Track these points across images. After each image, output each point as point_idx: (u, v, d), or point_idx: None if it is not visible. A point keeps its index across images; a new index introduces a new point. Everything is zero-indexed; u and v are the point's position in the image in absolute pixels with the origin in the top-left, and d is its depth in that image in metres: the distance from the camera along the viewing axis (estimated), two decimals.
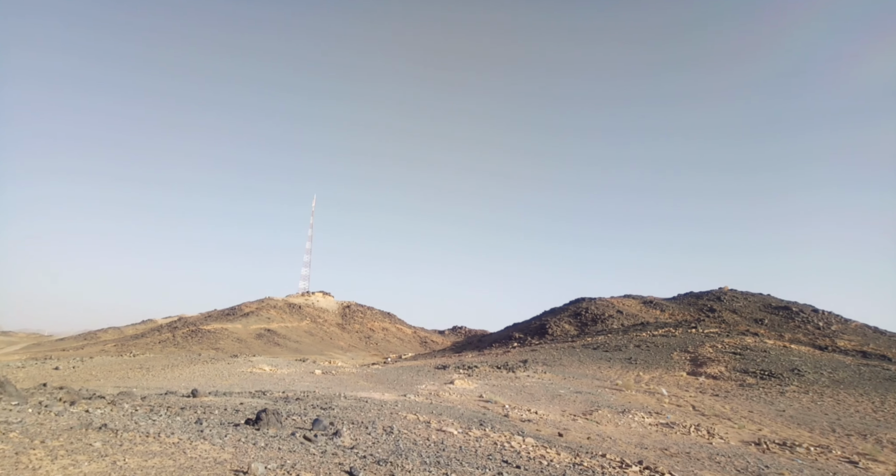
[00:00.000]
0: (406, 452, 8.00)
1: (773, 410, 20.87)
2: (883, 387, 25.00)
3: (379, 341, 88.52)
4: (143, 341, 65.77)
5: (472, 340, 72.77)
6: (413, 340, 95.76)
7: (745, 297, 57.13)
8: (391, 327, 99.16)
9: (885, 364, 32.39)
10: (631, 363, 32.23)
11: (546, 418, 15.77)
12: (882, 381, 26.18)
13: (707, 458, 12.61)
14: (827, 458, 14.22)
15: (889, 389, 24.43)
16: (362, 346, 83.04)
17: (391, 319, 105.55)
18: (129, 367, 25.87)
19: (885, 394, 23.54)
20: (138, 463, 5.58)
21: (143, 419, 8.35)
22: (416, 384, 22.07)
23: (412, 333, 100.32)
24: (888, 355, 37.43)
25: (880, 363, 32.47)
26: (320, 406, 12.41)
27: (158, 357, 32.16)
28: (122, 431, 7.07)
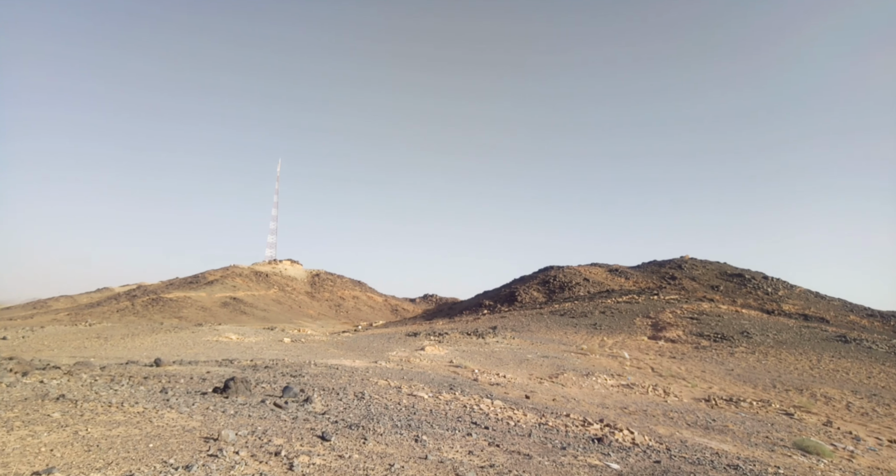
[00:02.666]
0: (377, 417, 8.12)
1: (723, 370, 22.38)
2: (820, 346, 27.15)
3: (349, 309, 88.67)
4: (100, 310, 63.38)
5: (443, 308, 73.94)
6: (384, 308, 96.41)
7: (703, 266, 59.98)
8: (362, 295, 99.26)
9: (824, 326, 35.12)
10: (596, 329, 33.62)
11: (514, 382, 16.34)
12: (819, 342, 28.42)
13: (662, 415, 13.46)
14: (767, 411, 15.45)
15: (825, 349, 26.57)
16: (332, 314, 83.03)
17: (361, 288, 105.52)
18: (86, 337, 24.96)
19: (821, 353, 25.60)
20: (102, 432, 5.42)
21: (104, 389, 8.09)
22: (387, 351, 22.34)
23: (383, 301, 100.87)
24: (827, 317, 40.56)
25: (819, 325, 35.16)
26: (290, 374, 12.39)
27: (117, 326, 31.13)
28: (81, 402, 6.83)
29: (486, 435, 7.97)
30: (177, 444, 5.22)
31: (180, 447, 5.10)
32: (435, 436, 7.23)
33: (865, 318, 44.03)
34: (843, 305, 48.23)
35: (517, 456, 6.79)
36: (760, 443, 11.33)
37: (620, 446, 8.74)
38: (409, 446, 6.35)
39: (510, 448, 7.22)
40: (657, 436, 10.52)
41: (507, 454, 6.81)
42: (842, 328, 34.68)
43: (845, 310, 46.45)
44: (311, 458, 5.13)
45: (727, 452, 9.73)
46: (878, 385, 19.66)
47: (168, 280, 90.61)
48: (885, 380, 20.41)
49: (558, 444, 8.09)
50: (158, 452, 4.87)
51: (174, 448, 5.05)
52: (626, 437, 9.69)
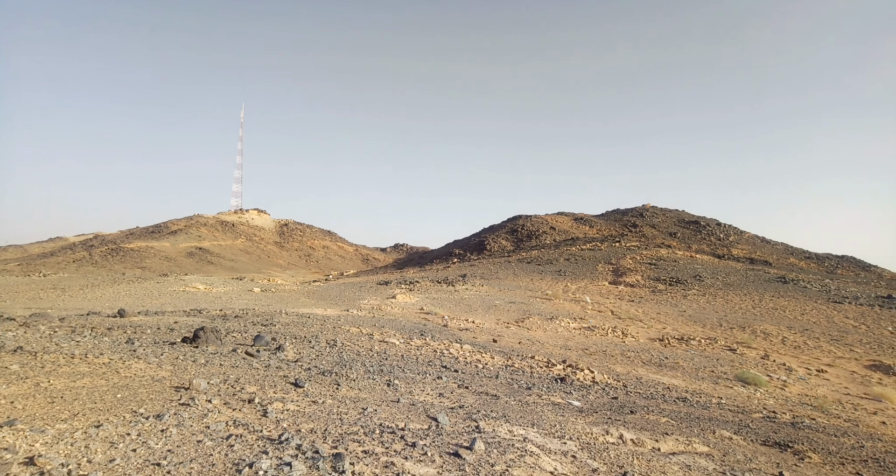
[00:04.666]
0: (350, 363, 8.31)
1: (676, 311, 23.94)
2: (762, 287, 29.31)
3: (320, 259, 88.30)
4: (54, 260, 60.60)
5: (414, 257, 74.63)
6: (355, 258, 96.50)
7: (663, 213, 62.25)
8: (332, 245, 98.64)
9: (767, 268, 37.75)
10: (561, 275, 34.92)
11: (482, 327, 16.98)
12: (762, 283, 30.65)
13: (620, 355, 14.42)
14: (713, 348, 16.82)
15: (766, 289, 28.73)
16: (302, 264, 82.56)
17: (332, 237, 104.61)
18: (40, 288, 23.98)
19: (763, 293, 27.69)
20: (65, 384, 5.30)
21: (65, 340, 7.87)
22: (359, 299, 22.59)
23: (354, 251, 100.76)
24: (770, 261, 43.54)
25: (763, 268, 37.76)
26: (261, 323, 12.40)
27: (74, 277, 29.97)
28: (41, 353, 6.62)
29: (455, 378, 8.33)
30: (146, 393, 5.18)
31: (150, 397, 5.07)
32: (406, 380, 7.50)
33: (803, 260, 47.54)
34: (785, 249, 51.71)
35: (485, 397, 7.16)
36: (706, 377, 12.39)
37: (581, 385, 9.36)
38: (381, 390, 6.56)
39: (478, 389, 7.60)
40: (615, 374, 11.32)
41: (475, 395, 7.17)
42: (782, 270, 37.39)
43: (787, 253, 49.89)
44: (285, 404, 5.23)
45: (677, 387, 10.61)
46: (809, 321, 21.59)
47: (128, 230, 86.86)
48: (816, 316, 22.41)
49: (524, 385, 8.57)
50: (127, 402, 4.83)
51: (143, 398, 5.02)
52: (587, 376, 10.37)
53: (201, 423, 4.41)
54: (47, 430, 3.94)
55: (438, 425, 5.11)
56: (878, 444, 7.28)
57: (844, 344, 17.72)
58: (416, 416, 5.43)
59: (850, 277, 37.91)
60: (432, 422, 5.24)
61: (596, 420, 6.60)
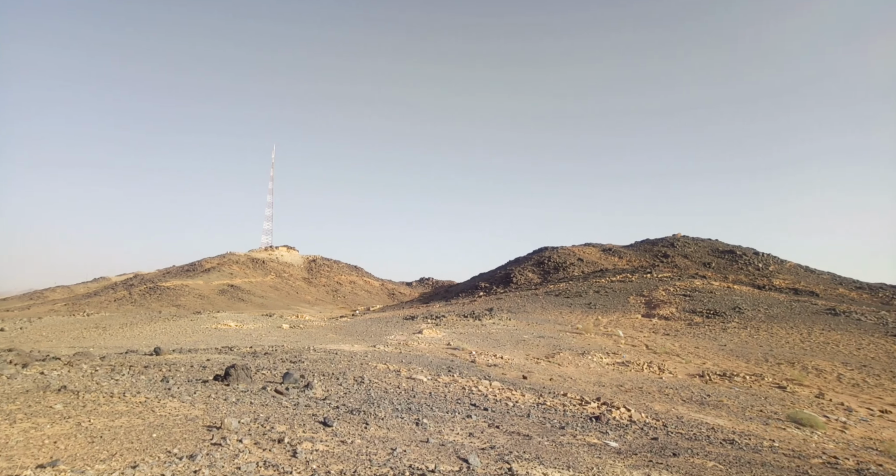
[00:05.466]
0: (378, 401, 8.21)
1: (716, 345, 22.77)
2: (810, 320, 27.63)
3: (346, 294, 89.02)
4: (97, 300, 63.22)
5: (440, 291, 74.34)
6: (381, 293, 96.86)
7: (695, 243, 60.42)
8: (358, 280, 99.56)
9: (814, 299, 35.69)
10: (591, 308, 33.98)
11: (511, 362, 16.55)
12: (810, 315, 28.91)
13: (657, 392, 13.72)
14: (760, 385, 15.79)
15: (815, 322, 27.06)
16: (330, 299, 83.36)
17: (358, 272, 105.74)
18: (84, 327, 24.96)
19: (811, 326, 26.08)
20: (105, 423, 5.44)
21: (105, 379, 8.12)
22: (385, 335, 22.51)
23: (380, 286, 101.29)
24: (816, 291, 41.19)
25: (809, 299, 35.72)
26: (290, 360, 12.47)
27: (115, 316, 31.14)
28: (83, 392, 6.85)
29: (485, 416, 8.09)
30: (180, 433, 5.25)
31: (184, 436, 5.13)
32: (435, 419, 7.33)
33: (854, 290, 44.74)
34: (832, 279, 48.95)
35: (517, 436, 6.91)
36: (755, 416, 11.60)
37: (618, 424, 8.91)
38: (410, 430, 6.43)
39: (510, 429, 7.34)
40: (654, 412, 10.74)
41: (506, 435, 6.93)
42: (831, 301, 35.26)
43: (834, 283, 47.15)
44: (314, 444, 5.19)
45: (723, 427, 9.96)
46: (867, 356, 20.10)
47: (164, 268, 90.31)
48: (875, 351, 20.86)
49: (557, 424, 8.24)
50: (162, 442, 4.90)
51: (178, 437, 5.09)
52: (623, 414, 9.88)
53: (232, 463, 4.42)
54: (87, 471, 4.03)
55: (470, 467, 4.94)
56: None
57: None
58: (447, 458, 5.27)
59: None
60: (463, 463, 5.07)
61: (636, 463, 6.24)
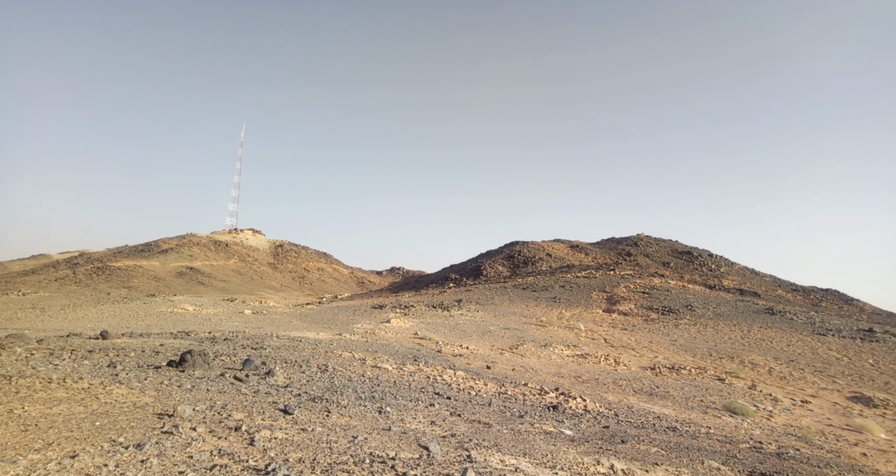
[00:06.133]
0: (341, 389, 8.18)
1: (668, 340, 23.85)
2: (751, 318, 29.35)
3: (314, 281, 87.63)
4: (35, 279, 59.47)
5: (410, 281, 74.27)
6: (350, 281, 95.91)
7: (657, 243, 62.74)
8: (327, 267, 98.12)
9: (756, 300, 37.90)
10: (556, 302, 34.82)
11: (476, 353, 16.80)
12: (751, 314, 30.70)
13: (612, 383, 14.28)
14: (703, 377, 16.70)
15: (755, 320, 28.77)
16: (296, 286, 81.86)
17: (327, 259, 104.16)
18: (18, 307, 23.48)
19: (751, 324, 27.71)
20: (41, 410, 5.16)
21: (43, 364, 7.68)
22: (352, 323, 22.35)
23: (349, 274, 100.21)
24: (759, 292, 43.71)
25: (752, 299, 37.90)
26: (251, 346, 12.21)
27: (56, 296, 29.43)
28: (16, 377, 6.45)
29: (448, 405, 8.21)
30: (127, 421, 5.06)
31: (131, 425, 4.95)
32: (398, 407, 7.38)
33: (790, 292, 47.74)
34: (773, 281, 51.99)
35: (477, 425, 7.05)
36: (696, 406, 12.27)
37: (573, 413, 9.24)
38: (372, 418, 6.45)
39: (471, 417, 7.48)
40: (607, 402, 11.18)
41: (468, 423, 7.06)
42: (770, 302, 37.51)
43: (775, 285, 50.12)
44: (273, 432, 5.13)
45: (667, 416, 10.49)
46: (795, 352, 21.56)
47: (116, 248, 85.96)
48: (802, 347, 22.40)
49: (516, 413, 8.45)
50: (106, 431, 4.71)
51: (124, 426, 4.90)
52: (579, 404, 10.24)
53: (184, 452, 4.31)
54: (19, 460, 3.81)
55: (430, 455, 5.01)
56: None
57: (827, 375, 17.69)
58: (408, 445, 5.33)
59: (834, 310, 38.05)
60: (424, 451, 5.14)
61: (587, 449, 6.50)
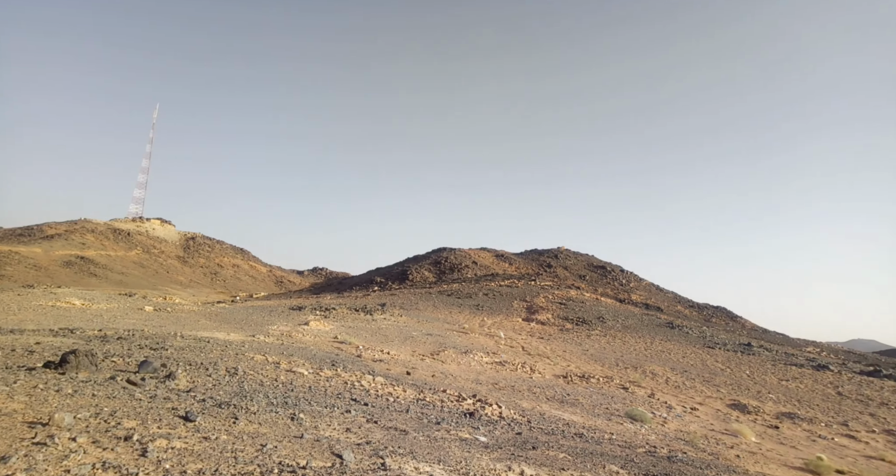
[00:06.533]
0: (251, 394, 7.70)
1: (580, 350, 25.40)
2: (654, 331, 32.26)
3: (228, 278, 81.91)
4: None
5: (333, 282, 72.09)
6: (268, 280, 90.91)
7: (575, 257, 66.80)
8: (243, 264, 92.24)
9: (659, 314, 41.76)
10: (479, 309, 35.64)
11: (397, 358, 16.68)
12: (654, 327, 33.75)
13: (527, 390, 14.88)
14: (609, 386, 17.99)
15: (657, 333, 31.66)
16: (207, 282, 75.96)
17: (244, 256, 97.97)
18: None
19: (654, 336, 30.45)
20: None
21: None
22: (268, 325, 21.18)
23: (267, 272, 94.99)
24: (662, 307, 48.26)
25: (655, 313, 41.70)
26: (150, 346, 11.11)
27: None
28: None
29: (364, 411, 8.05)
30: None
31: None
32: (312, 413, 7.10)
33: (688, 308, 53.33)
34: (674, 297, 57.68)
35: (394, 432, 6.98)
36: (602, 413, 13.17)
37: (489, 420, 9.49)
38: (284, 425, 6.14)
39: (388, 424, 7.40)
40: (521, 409, 11.63)
41: (384, 430, 6.97)
42: (671, 316, 41.55)
43: (675, 301, 55.66)
44: (171, 441, 4.69)
45: (576, 423, 11.14)
46: (689, 363, 24.03)
47: None
48: (694, 359, 25.03)
49: (433, 419, 8.50)
50: None
51: None
52: (495, 411, 10.55)
53: (60, 466, 3.81)
54: None
55: (343, 463, 4.88)
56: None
57: (713, 385, 19.91)
58: (320, 454, 5.14)
59: (722, 326, 43.13)
60: (337, 459, 4.99)
61: (500, 456, 6.70)
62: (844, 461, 11.58)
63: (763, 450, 11.70)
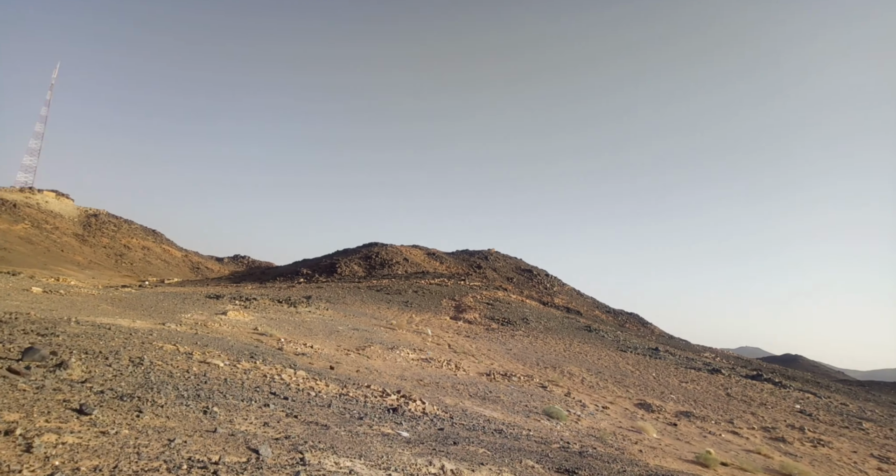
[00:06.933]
0: (159, 386, 7.15)
1: (504, 349, 26.35)
2: (573, 334, 34.30)
3: (136, 261, 74.79)
4: None
5: (255, 272, 68.53)
6: (183, 265, 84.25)
7: (504, 259, 69.07)
8: (155, 247, 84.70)
9: (578, 317, 44.48)
10: (407, 306, 35.67)
11: (320, 352, 16.26)
12: (573, 330, 35.88)
13: (451, 387, 15.18)
14: (530, 384, 18.87)
15: (576, 336, 33.69)
16: (111, 264, 68.87)
17: (156, 238, 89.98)
18: None
19: (573, 338, 32.37)
20: None
21: None
22: (181, 313, 19.67)
23: (182, 257, 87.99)
24: (581, 311, 51.43)
25: (575, 317, 44.35)
26: (37, 332, 9.89)
27: None
28: None
29: (284, 406, 7.79)
30: None
31: None
32: (228, 407, 6.75)
33: (605, 313, 57.34)
34: (593, 303, 61.69)
35: (314, 426, 6.84)
36: (521, 410, 13.78)
37: (412, 416, 9.58)
38: (195, 419, 5.79)
39: (308, 419, 7.22)
40: (444, 405, 11.85)
41: (304, 425, 6.80)
42: (589, 320, 44.44)
43: (594, 306, 59.56)
44: (62, 436, 4.25)
45: (496, 419, 11.58)
46: (602, 364, 25.87)
47: None
48: (608, 361, 27.00)
49: (356, 414, 8.43)
50: None
51: None
52: (418, 407, 10.66)
53: None
54: None
55: (259, 458, 4.71)
56: (635, 469, 9.00)
57: (623, 385, 21.60)
58: (235, 448, 4.92)
59: (634, 331, 46.96)
60: (253, 454, 4.80)
61: (422, 451, 6.81)
62: (728, 454, 13.09)
63: (662, 445, 12.91)
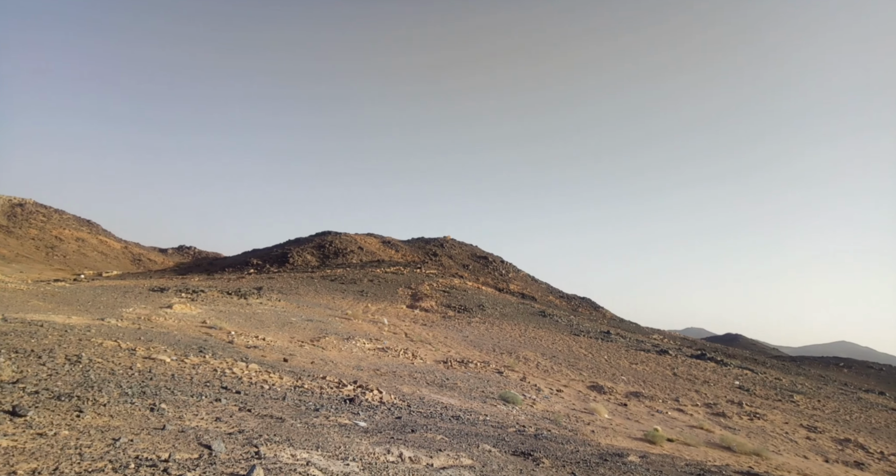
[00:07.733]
0: (100, 384, 6.80)
1: (461, 336, 26.82)
2: (528, 319, 35.37)
3: (69, 254, 69.31)
4: None
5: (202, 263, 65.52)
6: (123, 257, 78.98)
7: (460, 246, 69.77)
8: (90, 238, 78.77)
9: (532, 303, 45.85)
10: (363, 295, 35.40)
11: (273, 345, 15.92)
12: (528, 315, 36.99)
13: (408, 376, 15.34)
14: (486, 370, 19.38)
15: (531, 321, 34.78)
16: (41, 257, 63.47)
17: (91, 228, 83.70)
18: None
19: (528, 324, 33.40)
20: None
21: None
22: (121, 307, 18.57)
23: (122, 248, 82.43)
24: (536, 297, 53.03)
25: (530, 302, 45.69)
26: None
27: None
28: None
29: (237, 400, 7.64)
30: None
31: None
32: (177, 403, 6.55)
33: (558, 298, 59.45)
34: (547, 288, 63.75)
35: (269, 419, 6.77)
36: (477, 396, 14.17)
37: (369, 405, 9.65)
38: (141, 416, 5.58)
39: (262, 412, 7.13)
40: (401, 394, 12.00)
41: (258, 418, 6.72)
42: (543, 306, 45.93)
43: (548, 292, 61.58)
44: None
45: (453, 406, 11.86)
46: (557, 349, 26.93)
47: None
48: (562, 345, 28.12)
49: (312, 406, 8.39)
50: None
51: None
52: (376, 396, 10.74)
53: None
54: None
55: (212, 453, 4.64)
56: (588, 449, 9.54)
57: (577, 369, 22.63)
58: (186, 445, 4.81)
59: (587, 315, 49.04)
60: (205, 450, 4.72)
61: (380, 440, 6.92)
62: (674, 431, 14.09)
63: (613, 425, 13.69)
